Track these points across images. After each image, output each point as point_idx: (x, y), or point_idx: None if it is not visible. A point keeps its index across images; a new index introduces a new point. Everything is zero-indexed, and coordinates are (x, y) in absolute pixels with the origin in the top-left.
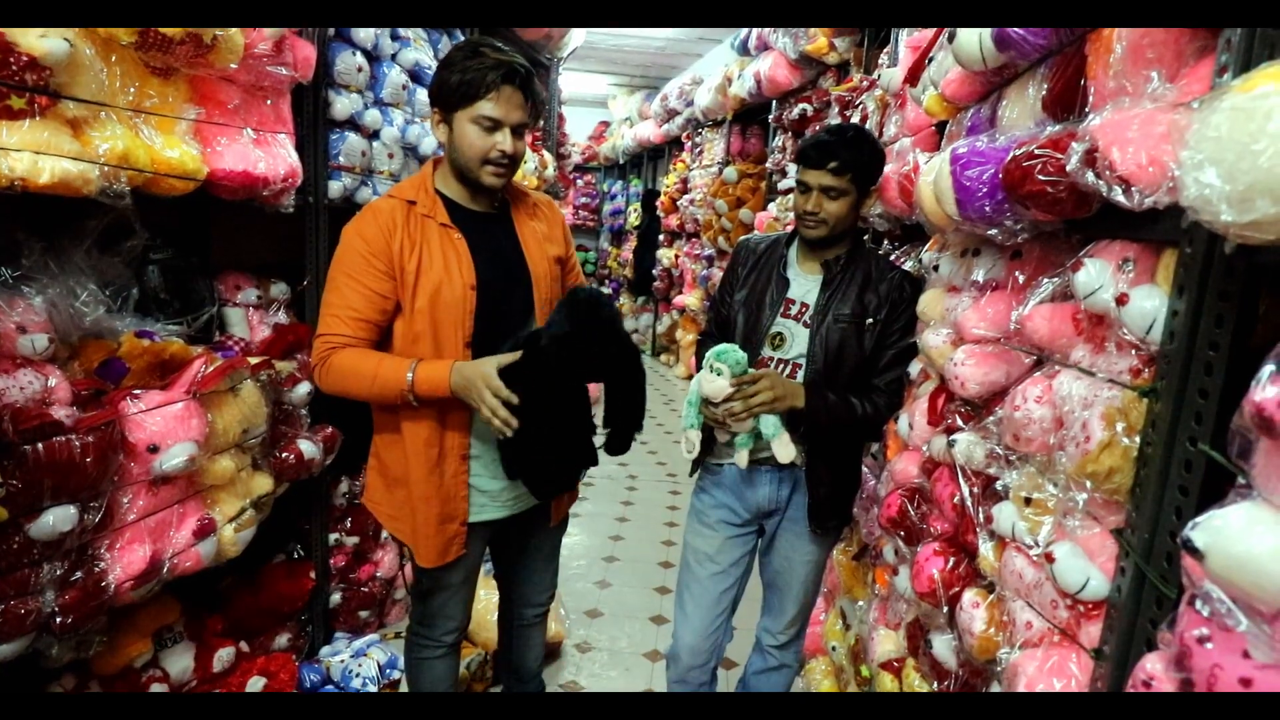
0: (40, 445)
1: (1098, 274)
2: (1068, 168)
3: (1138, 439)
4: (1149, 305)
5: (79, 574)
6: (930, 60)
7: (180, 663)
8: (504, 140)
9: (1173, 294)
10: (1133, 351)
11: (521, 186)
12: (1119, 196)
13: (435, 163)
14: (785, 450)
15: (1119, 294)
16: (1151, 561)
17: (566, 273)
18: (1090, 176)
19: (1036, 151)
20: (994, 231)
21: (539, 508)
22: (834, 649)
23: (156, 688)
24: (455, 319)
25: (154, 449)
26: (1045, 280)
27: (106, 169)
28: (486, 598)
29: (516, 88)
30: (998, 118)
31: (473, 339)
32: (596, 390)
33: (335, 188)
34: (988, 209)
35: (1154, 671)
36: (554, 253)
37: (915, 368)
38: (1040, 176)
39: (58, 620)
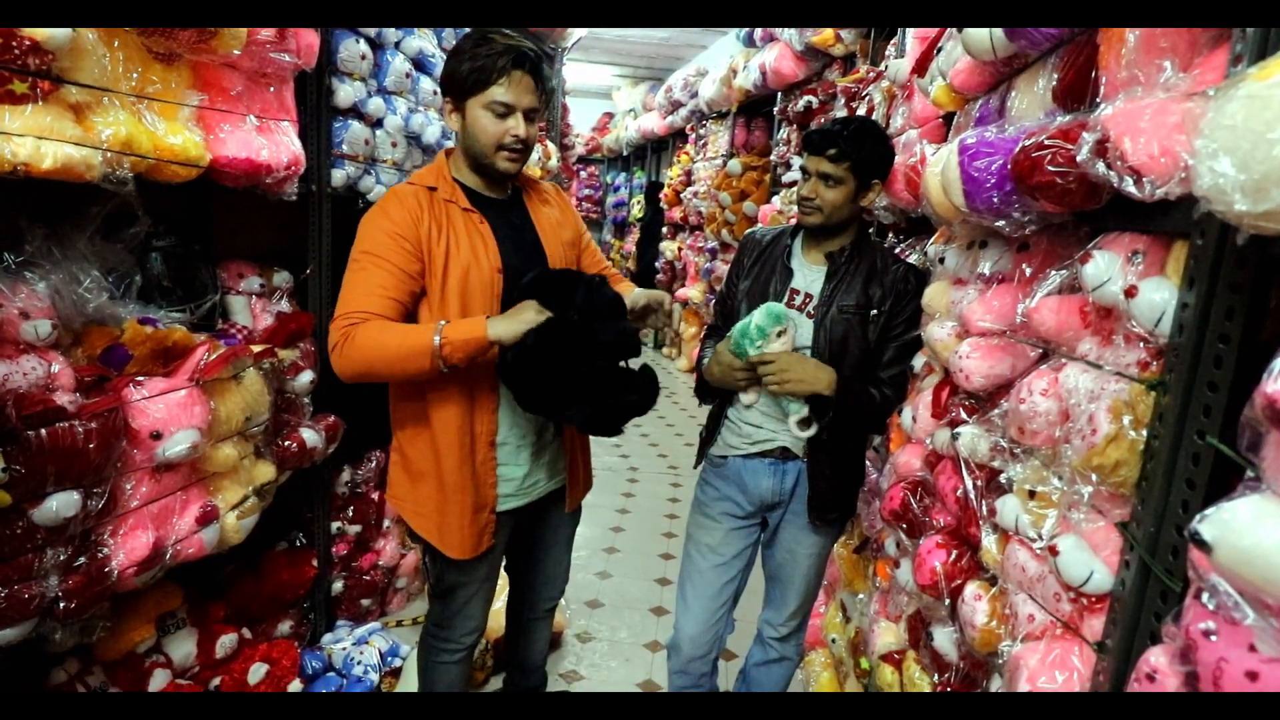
0: (44, 431)
1: (1106, 266)
2: (1078, 158)
3: (1144, 432)
4: (1158, 297)
5: (82, 559)
6: (939, 51)
7: (183, 649)
8: (517, 125)
9: (1183, 286)
10: (1141, 344)
11: (529, 174)
12: (1130, 187)
13: (448, 153)
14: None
15: (1128, 286)
16: (1157, 555)
17: (582, 250)
18: (1101, 167)
19: (1046, 142)
20: (1002, 223)
21: (555, 496)
22: (834, 641)
23: (159, 673)
24: (483, 302)
25: (157, 436)
26: (1053, 272)
27: (109, 155)
28: None
29: (526, 72)
30: (1007, 108)
31: None
32: None
33: (338, 176)
34: (996, 200)
35: (1158, 665)
36: (567, 237)
37: (919, 360)
38: (1050, 167)
39: (61, 605)
